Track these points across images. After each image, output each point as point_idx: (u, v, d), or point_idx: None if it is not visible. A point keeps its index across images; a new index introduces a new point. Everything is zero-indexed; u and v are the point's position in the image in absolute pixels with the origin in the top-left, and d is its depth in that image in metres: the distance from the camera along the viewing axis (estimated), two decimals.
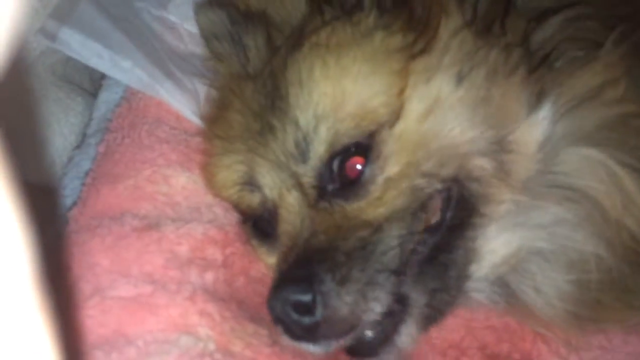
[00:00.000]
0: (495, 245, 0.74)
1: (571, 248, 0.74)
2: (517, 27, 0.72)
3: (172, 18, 1.04)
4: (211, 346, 0.65)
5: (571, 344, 0.80)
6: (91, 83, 1.11)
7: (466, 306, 0.77)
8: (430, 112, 0.70)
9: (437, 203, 0.73)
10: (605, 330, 0.80)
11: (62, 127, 1.01)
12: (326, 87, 0.72)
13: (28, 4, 0.92)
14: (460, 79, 0.71)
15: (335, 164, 0.72)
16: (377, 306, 0.68)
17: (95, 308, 0.67)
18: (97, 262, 0.71)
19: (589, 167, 0.71)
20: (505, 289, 0.78)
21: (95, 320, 0.66)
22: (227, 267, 0.77)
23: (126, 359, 0.62)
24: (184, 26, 1.04)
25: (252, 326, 0.71)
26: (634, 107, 0.71)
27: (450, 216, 0.73)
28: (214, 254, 0.77)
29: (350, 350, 0.71)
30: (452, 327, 0.80)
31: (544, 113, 0.72)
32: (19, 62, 0.94)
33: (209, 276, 0.74)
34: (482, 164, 0.72)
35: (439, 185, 0.72)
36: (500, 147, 0.72)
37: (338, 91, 0.71)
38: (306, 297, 0.66)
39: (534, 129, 0.72)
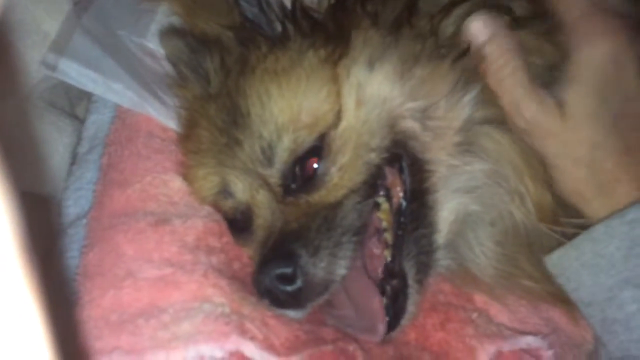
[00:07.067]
0: (445, 213, 0.87)
1: (492, 206, 0.88)
2: (424, 24, 0.86)
3: (151, 45, 1.18)
4: (227, 310, 0.80)
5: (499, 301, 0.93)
6: (70, 107, 1.24)
7: (433, 276, 0.91)
8: (360, 101, 0.84)
9: (393, 174, 0.87)
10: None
11: (57, 146, 1.14)
12: (283, 104, 0.85)
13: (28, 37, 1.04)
14: (371, 65, 0.84)
15: (297, 166, 0.86)
16: (346, 262, 0.83)
17: (130, 287, 0.81)
18: (124, 252, 0.85)
19: (496, 143, 0.86)
20: (454, 254, 0.91)
21: (132, 296, 0.80)
22: (224, 252, 0.92)
23: (162, 322, 0.77)
24: (160, 52, 1.19)
25: (254, 298, 0.85)
26: None
27: (409, 181, 0.87)
28: (214, 242, 0.92)
29: None
30: None
31: (469, 97, 0.85)
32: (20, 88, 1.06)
33: (214, 259, 0.89)
34: (411, 125, 0.85)
35: (386, 154, 0.86)
36: (425, 115, 0.85)
37: (294, 106, 0.85)
38: (288, 270, 0.81)
39: (459, 107, 0.85)
